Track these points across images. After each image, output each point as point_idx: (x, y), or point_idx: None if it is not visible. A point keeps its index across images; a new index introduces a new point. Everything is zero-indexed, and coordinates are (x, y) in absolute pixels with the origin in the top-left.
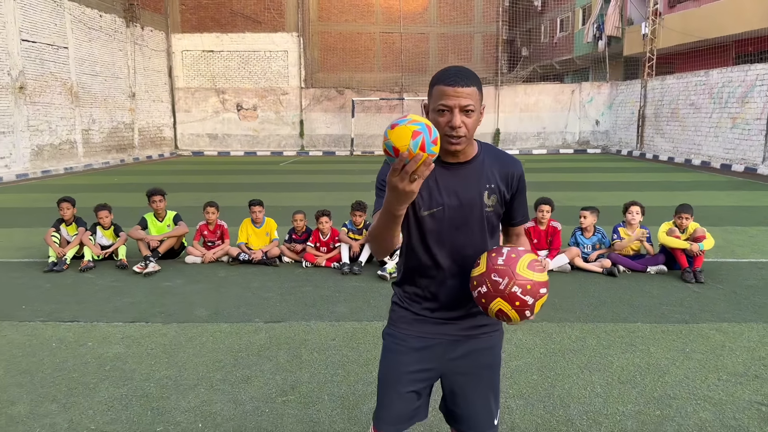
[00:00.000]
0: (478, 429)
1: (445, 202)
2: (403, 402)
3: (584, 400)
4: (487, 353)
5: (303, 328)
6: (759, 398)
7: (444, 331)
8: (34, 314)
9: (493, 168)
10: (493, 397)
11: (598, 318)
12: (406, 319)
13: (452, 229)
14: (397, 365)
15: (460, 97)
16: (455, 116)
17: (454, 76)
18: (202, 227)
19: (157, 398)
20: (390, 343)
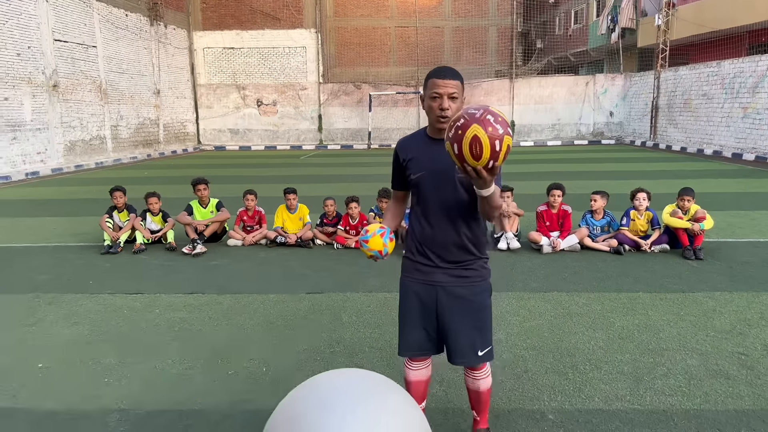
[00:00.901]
0: (465, 360)
1: (427, 168)
2: (415, 333)
3: (587, 351)
4: (470, 299)
5: (341, 298)
6: (740, 350)
7: (437, 279)
8: (102, 288)
9: None
10: (479, 335)
11: (604, 288)
12: (410, 267)
13: (433, 189)
14: (407, 305)
15: (448, 87)
16: (444, 100)
17: (444, 71)
18: (242, 213)
19: (223, 351)
20: (402, 288)
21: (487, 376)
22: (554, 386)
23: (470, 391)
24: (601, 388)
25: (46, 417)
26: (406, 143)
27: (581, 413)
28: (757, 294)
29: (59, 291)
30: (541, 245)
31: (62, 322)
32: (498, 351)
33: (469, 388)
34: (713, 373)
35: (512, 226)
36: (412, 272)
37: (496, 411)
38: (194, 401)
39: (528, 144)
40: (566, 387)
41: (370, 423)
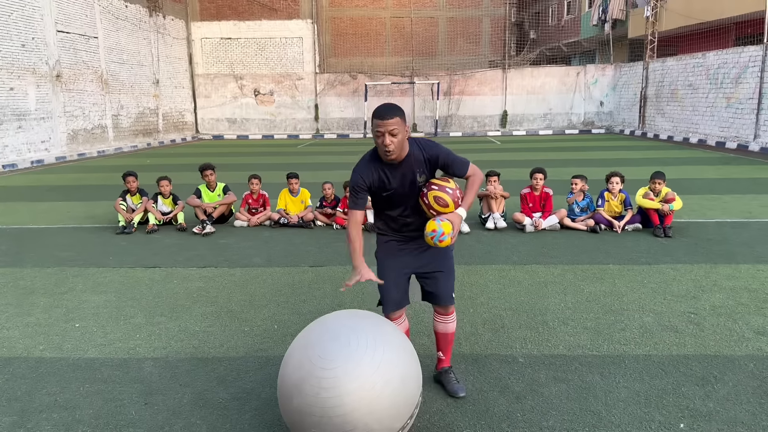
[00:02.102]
0: (444, 300)
1: (394, 187)
2: (394, 292)
3: (557, 311)
4: (440, 252)
5: (342, 270)
6: (692, 310)
7: (407, 247)
8: (122, 263)
9: (420, 158)
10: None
11: (578, 261)
12: (385, 239)
13: (401, 200)
14: (387, 269)
15: (387, 125)
16: (386, 137)
17: (384, 112)
18: (247, 196)
19: (239, 312)
20: (380, 253)
21: (454, 320)
22: (525, 338)
23: (439, 334)
24: (566, 339)
25: (89, 363)
26: (366, 170)
27: (547, 357)
28: (714, 265)
29: (83, 265)
30: (524, 225)
31: (90, 291)
32: (480, 312)
33: (439, 331)
34: (664, 328)
35: (499, 208)
36: (389, 241)
37: (475, 356)
38: (216, 351)
39: (520, 133)
40: (536, 338)
41: (369, 345)
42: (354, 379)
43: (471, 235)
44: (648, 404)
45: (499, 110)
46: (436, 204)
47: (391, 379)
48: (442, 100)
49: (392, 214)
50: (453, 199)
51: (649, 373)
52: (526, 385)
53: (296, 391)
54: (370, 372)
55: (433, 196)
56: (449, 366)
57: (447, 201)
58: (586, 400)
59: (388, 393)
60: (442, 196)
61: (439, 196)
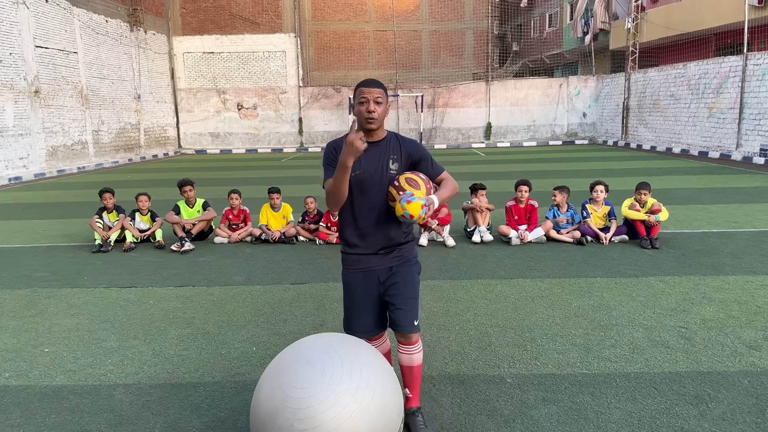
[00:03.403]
0: (405, 327)
1: (364, 167)
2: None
3: (545, 327)
4: (407, 274)
5: (323, 287)
6: (682, 324)
7: (374, 264)
8: (97, 282)
9: (396, 146)
10: (414, 303)
11: (565, 274)
12: (350, 260)
13: (369, 186)
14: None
15: (374, 93)
16: (370, 104)
17: (369, 82)
18: (227, 212)
19: (216, 334)
20: (345, 281)
21: (420, 350)
22: (513, 356)
23: (404, 367)
24: (555, 357)
25: (56, 391)
26: (338, 145)
27: (536, 377)
28: (703, 277)
29: (56, 286)
30: (510, 237)
31: (62, 313)
32: (466, 329)
33: (403, 364)
34: (655, 344)
35: (484, 221)
36: (353, 263)
37: (461, 376)
38: (191, 376)
39: (504, 145)
40: (524, 356)
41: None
42: (329, 408)
43: (456, 249)
44: (641, 426)
45: (483, 122)
46: (407, 184)
47: (369, 406)
48: (426, 112)
49: (352, 209)
50: (426, 185)
51: (641, 393)
52: (515, 407)
53: (269, 423)
54: (347, 400)
55: (405, 178)
56: (417, 406)
57: (419, 183)
58: (578, 422)
59: (366, 420)
60: (415, 178)
61: (412, 177)
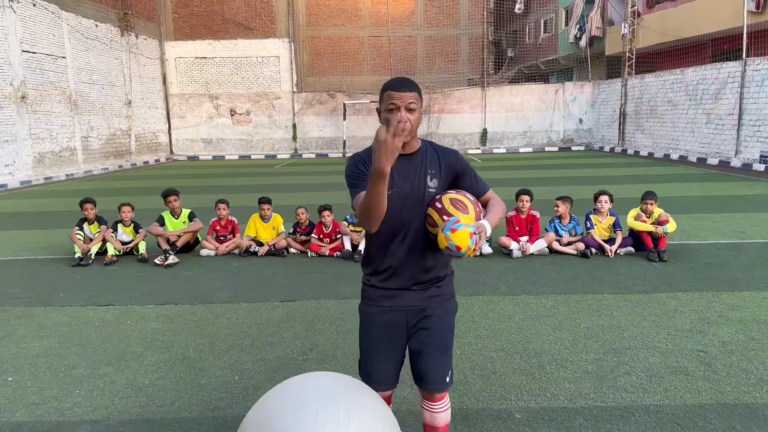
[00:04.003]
0: (435, 386)
1: (398, 185)
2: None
3: (554, 351)
4: (442, 318)
5: (314, 305)
6: (699, 347)
7: (404, 302)
8: (73, 300)
9: (434, 158)
10: (447, 354)
11: (570, 291)
12: (374, 295)
13: (403, 207)
14: (373, 337)
15: (405, 98)
16: (402, 112)
17: (400, 83)
18: (215, 223)
19: (196, 360)
20: (364, 317)
21: (447, 407)
22: (521, 386)
23: (426, 426)
24: (566, 387)
25: (15, 429)
26: (364, 158)
27: (547, 411)
28: (717, 293)
29: (29, 304)
30: (511, 250)
31: (32, 336)
32: (467, 353)
33: (426, 423)
34: (673, 370)
35: None
36: (377, 299)
37: (464, 411)
38: (165, 410)
39: (500, 151)
40: (533, 386)
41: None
42: None
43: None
44: None
45: (479, 128)
46: (453, 207)
47: None
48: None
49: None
50: (475, 208)
51: (663, 430)
52: None
53: None
54: None
55: (450, 199)
56: None
57: (467, 205)
58: None
59: None
60: (461, 199)
61: (458, 199)
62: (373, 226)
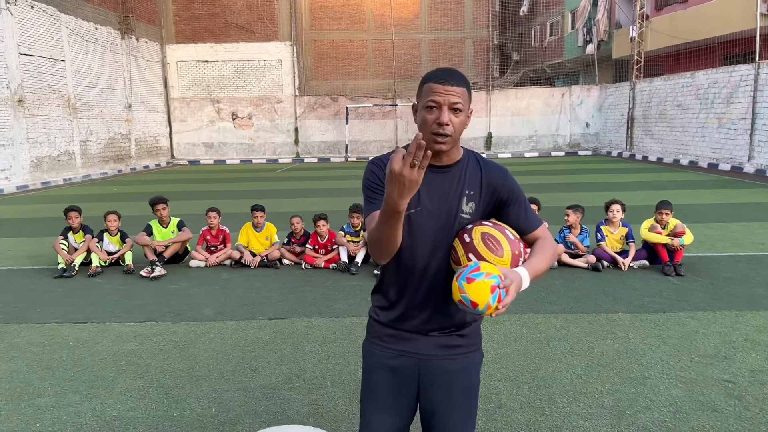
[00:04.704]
0: None
1: (424, 204)
2: (384, 421)
3: (566, 381)
4: (463, 375)
5: (305, 324)
6: (726, 376)
7: (417, 349)
8: (49, 316)
9: (475, 175)
10: (469, 422)
11: (582, 309)
12: (381, 333)
13: (428, 231)
14: (376, 384)
15: (449, 95)
16: (444, 113)
17: (445, 74)
18: (205, 232)
19: (172, 388)
20: (368, 359)
21: None
22: (530, 423)
23: None
24: (581, 426)
25: None
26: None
27: None
28: (740, 313)
29: (2, 321)
30: None
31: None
32: None
33: None
34: (699, 405)
35: None
36: (385, 339)
37: None
38: None
39: (506, 156)
40: (543, 424)
41: None
42: None
43: None
44: None
45: (484, 132)
46: (483, 245)
47: None
48: None
49: (400, 263)
50: (512, 250)
51: None
52: None
53: None
54: None
55: (482, 232)
56: None
57: (501, 245)
58: None
59: None
60: (497, 236)
61: (492, 234)
62: (383, 259)
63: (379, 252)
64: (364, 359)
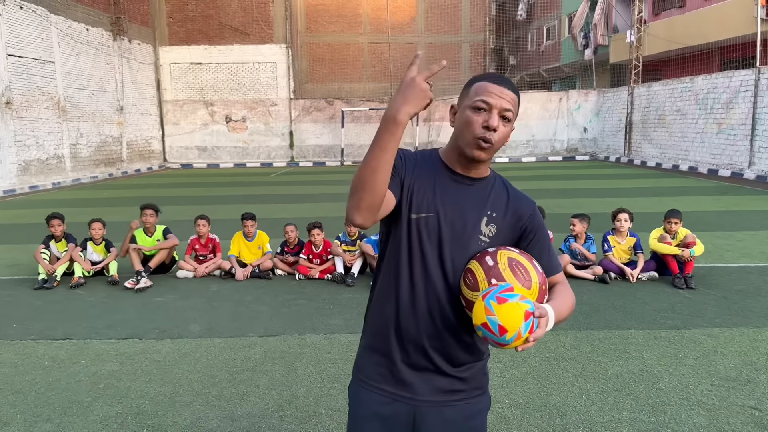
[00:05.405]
0: None
1: (439, 211)
2: None
3: (580, 408)
4: (469, 423)
5: (298, 342)
6: (752, 402)
7: (413, 392)
8: (26, 332)
9: (501, 197)
10: None
11: (592, 325)
12: (370, 372)
13: (436, 244)
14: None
15: (504, 99)
16: (494, 116)
17: (500, 77)
18: (194, 241)
19: (152, 416)
20: (354, 403)
21: None
22: None
23: None
24: None
25: None
26: (413, 156)
27: None
28: (759, 330)
29: None
30: None
31: None
32: None
33: None
34: None
35: None
36: (375, 379)
37: None
38: None
39: (503, 160)
40: None
41: None
42: None
43: None
44: None
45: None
46: (510, 271)
47: None
48: (422, 126)
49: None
50: (540, 283)
51: None
52: None
53: None
54: None
55: (509, 258)
56: None
57: (530, 275)
58: None
59: None
60: (525, 265)
61: (521, 262)
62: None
63: (358, 191)
64: (351, 406)
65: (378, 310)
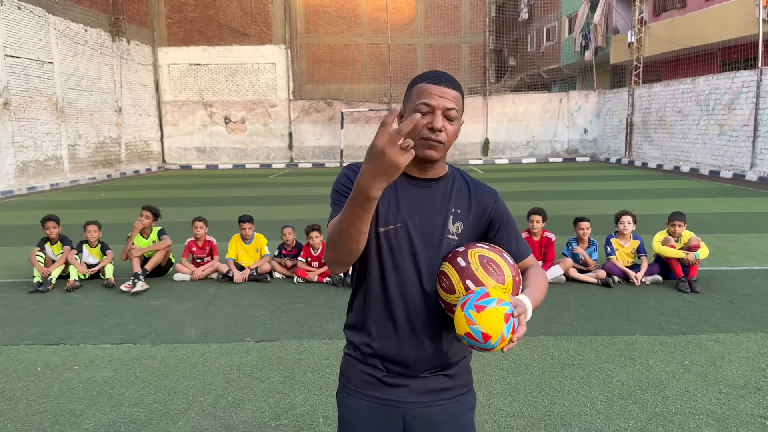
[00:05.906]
0: None
1: (405, 221)
2: None
3: (585, 417)
4: (456, 423)
5: (296, 347)
6: (761, 411)
7: (398, 396)
8: (19, 337)
9: (462, 193)
10: None
11: (596, 331)
12: (355, 379)
13: (409, 253)
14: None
15: (445, 98)
16: (437, 117)
17: (440, 76)
18: (191, 243)
19: (146, 424)
20: (343, 410)
21: None
22: None
23: None
24: None
25: None
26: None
27: None
28: (766, 335)
29: None
30: None
31: None
32: (480, 419)
33: None
34: None
35: None
36: (359, 386)
37: None
38: None
39: (503, 162)
40: None
41: None
42: None
43: None
44: None
45: (481, 138)
46: (482, 270)
47: None
48: None
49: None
50: (513, 276)
51: None
52: None
53: None
54: None
55: (480, 256)
56: None
57: (503, 270)
58: None
59: None
60: (497, 261)
61: (492, 259)
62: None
63: (335, 252)
64: (340, 413)
65: (361, 321)
